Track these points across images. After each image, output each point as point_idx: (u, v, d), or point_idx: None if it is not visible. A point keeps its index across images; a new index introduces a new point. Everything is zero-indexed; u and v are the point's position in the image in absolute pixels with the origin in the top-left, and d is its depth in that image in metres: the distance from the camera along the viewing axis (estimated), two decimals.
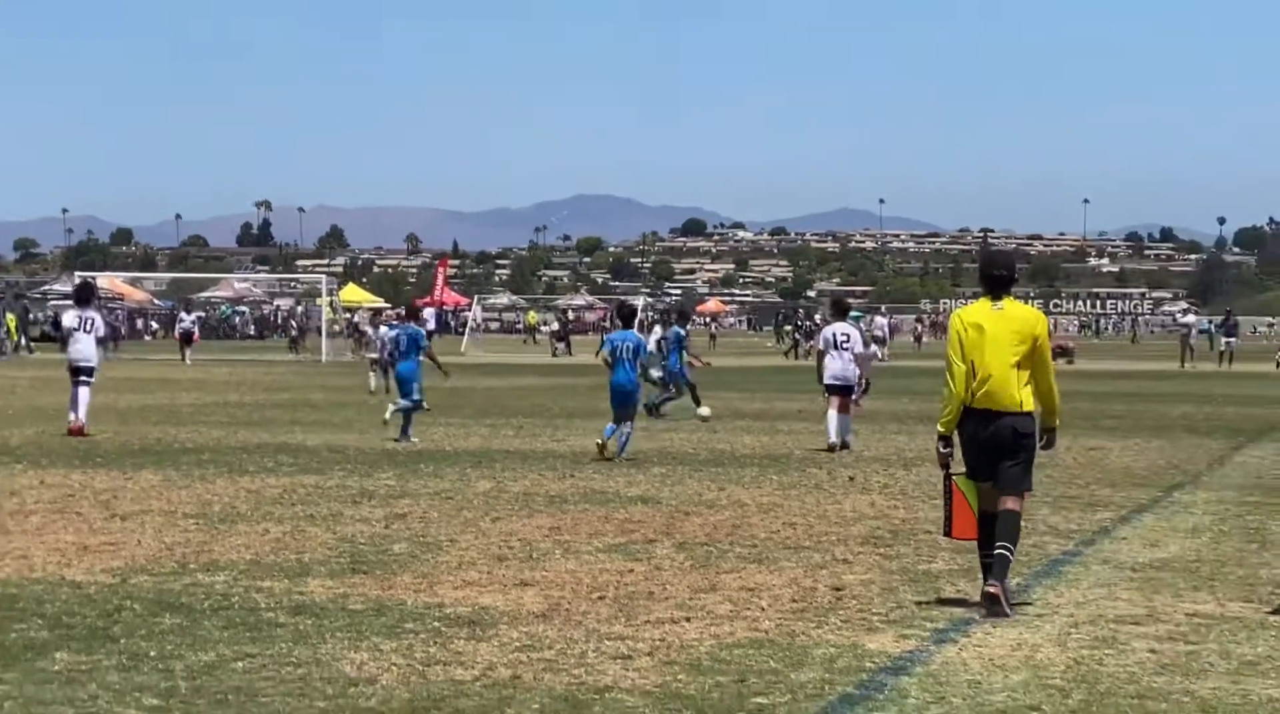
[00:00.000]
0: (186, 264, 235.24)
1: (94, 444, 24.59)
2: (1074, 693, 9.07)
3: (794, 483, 19.89)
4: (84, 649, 9.88)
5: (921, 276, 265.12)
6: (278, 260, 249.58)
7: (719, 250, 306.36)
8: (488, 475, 20.33)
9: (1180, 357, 66.81)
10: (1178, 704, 8.85)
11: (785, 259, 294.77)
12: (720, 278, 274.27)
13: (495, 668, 9.47)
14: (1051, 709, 8.70)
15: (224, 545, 14.23)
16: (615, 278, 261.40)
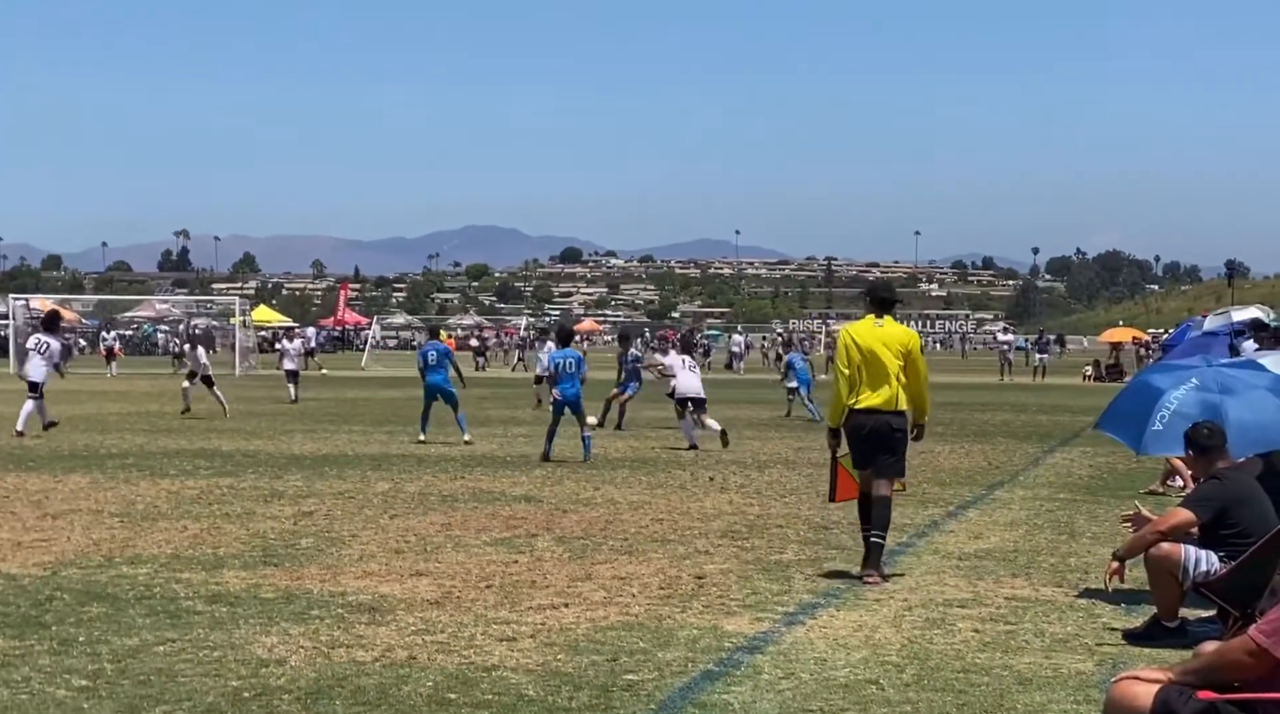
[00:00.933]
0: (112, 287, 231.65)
1: (27, 449, 24.21)
2: (908, 668, 9.16)
3: (660, 483, 19.91)
4: (17, 635, 9.75)
5: (773, 299, 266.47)
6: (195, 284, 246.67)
7: (593, 276, 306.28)
8: (386, 477, 20.20)
9: (1000, 371, 67.52)
10: (998, 678, 8.95)
11: (653, 284, 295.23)
12: (595, 300, 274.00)
13: (393, 649, 9.42)
14: (888, 683, 8.77)
15: (146, 541, 14.05)
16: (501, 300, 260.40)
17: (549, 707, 8.09)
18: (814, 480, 20.51)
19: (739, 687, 8.63)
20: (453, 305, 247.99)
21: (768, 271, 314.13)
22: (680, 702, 8.24)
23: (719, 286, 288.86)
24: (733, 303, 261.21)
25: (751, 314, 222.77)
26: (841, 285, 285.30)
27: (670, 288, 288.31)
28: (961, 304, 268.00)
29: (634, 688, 8.54)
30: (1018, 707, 8.32)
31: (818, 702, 8.32)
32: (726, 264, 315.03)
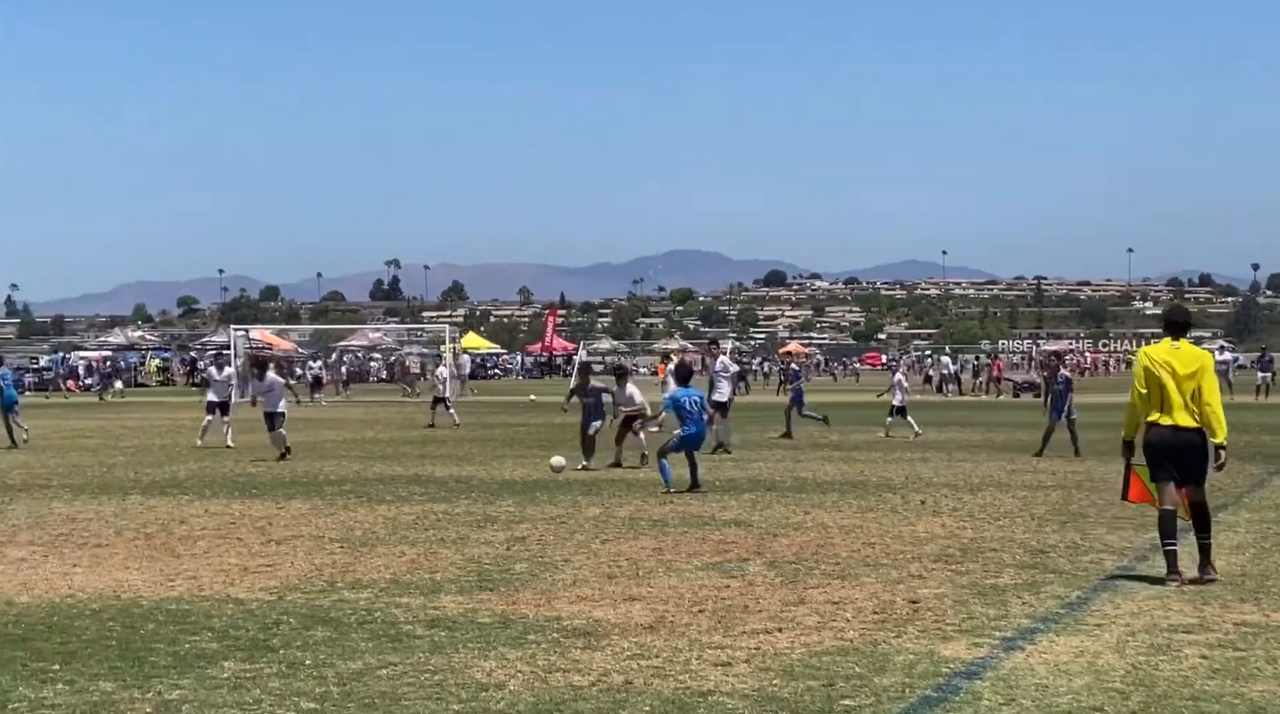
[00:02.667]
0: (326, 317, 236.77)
1: (250, 476, 24.80)
2: (1133, 695, 8.97)
3: (871, 506, 19.79)
4: (248, 658, 9.98)
5: (981, 319, 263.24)
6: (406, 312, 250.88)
7: (798, 298, 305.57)
8: (596, 502, 20.34)
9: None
10: (1229, 706, 8.74)
11: (858, 305, 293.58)
12: (799, 323, 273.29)
13: (609, 674, 9.48)
14: (1113, 710, 8.60)
15: (366, 566, 14.31)
16: (705, 324, 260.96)
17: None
18: (1028, 503, 20.24)
19: (958, 713, 8.54)
20: (657, 330, 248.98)
21: (975, 291, 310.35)
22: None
23: (926, 307, 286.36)
24: (940, 323, 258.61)
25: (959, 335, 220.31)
26: (1051, 304, 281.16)
27: (876, 309, 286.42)
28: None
29: (852, 713, 8.49)
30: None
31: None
32: (933, 284, 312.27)
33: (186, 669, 9.63)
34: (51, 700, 8.81)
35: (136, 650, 10.25)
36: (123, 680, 9.32)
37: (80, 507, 19.94)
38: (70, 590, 12.87)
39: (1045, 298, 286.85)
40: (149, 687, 9.15)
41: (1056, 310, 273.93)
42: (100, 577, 13.68)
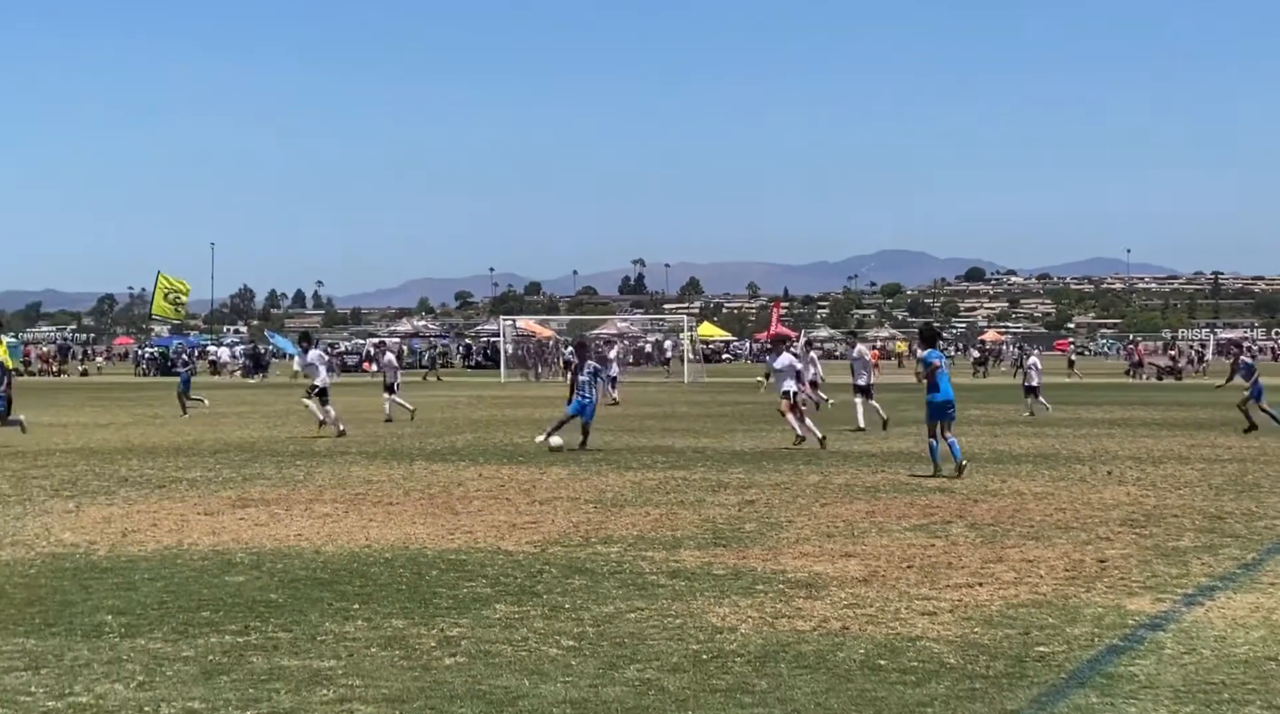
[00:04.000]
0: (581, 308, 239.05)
1: (517, 446, 25.09)
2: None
3: (1062, 476, 19.35)
4: (516, 602, 10.11)
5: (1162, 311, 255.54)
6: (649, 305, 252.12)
7: (995, 292, 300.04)
8: (816, 470, 20.21)
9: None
10: None
11: (1049, 298, 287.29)
12: (996, 314, 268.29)
13: (828, 621, 9.41)
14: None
15: (616, 524, 14.40)
16: (913, 315, 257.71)
17: (968, 673, 7.94)
18: (1206, 474, 19.62)
19: (1143, 660, 8.31)
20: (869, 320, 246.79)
21: (1157, 286, 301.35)
22: (1089, 672, 7.98)
23: (1111, 300, 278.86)
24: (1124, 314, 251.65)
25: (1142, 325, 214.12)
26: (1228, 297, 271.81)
27: (1066, 301, 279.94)
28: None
29: (1045, 659, 8.31)
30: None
31: (1220, 675, 7.94)
32: (1119, 279, 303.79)
33: (465, 610, 9.79)
34: (352, 635, 9.02)
35: (423, 594, 10.45)
36: (411, 619, 9.51)
37: (375, 471, 20.39)
38: (367, 541, 13.17)
39: (1222, 291, 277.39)
40: (434, 624, 9.32)
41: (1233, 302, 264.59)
42: (392, 530, 13.98)
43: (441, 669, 8.07)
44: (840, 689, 7.56)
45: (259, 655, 8.42)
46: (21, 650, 8.58)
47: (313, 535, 13.58)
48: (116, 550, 12.64)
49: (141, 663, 8.23)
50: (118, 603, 10.07)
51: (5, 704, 7.29)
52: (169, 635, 8.99)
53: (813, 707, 7.21)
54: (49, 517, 15.10)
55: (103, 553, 12.51)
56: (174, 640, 8.84)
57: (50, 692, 7.57)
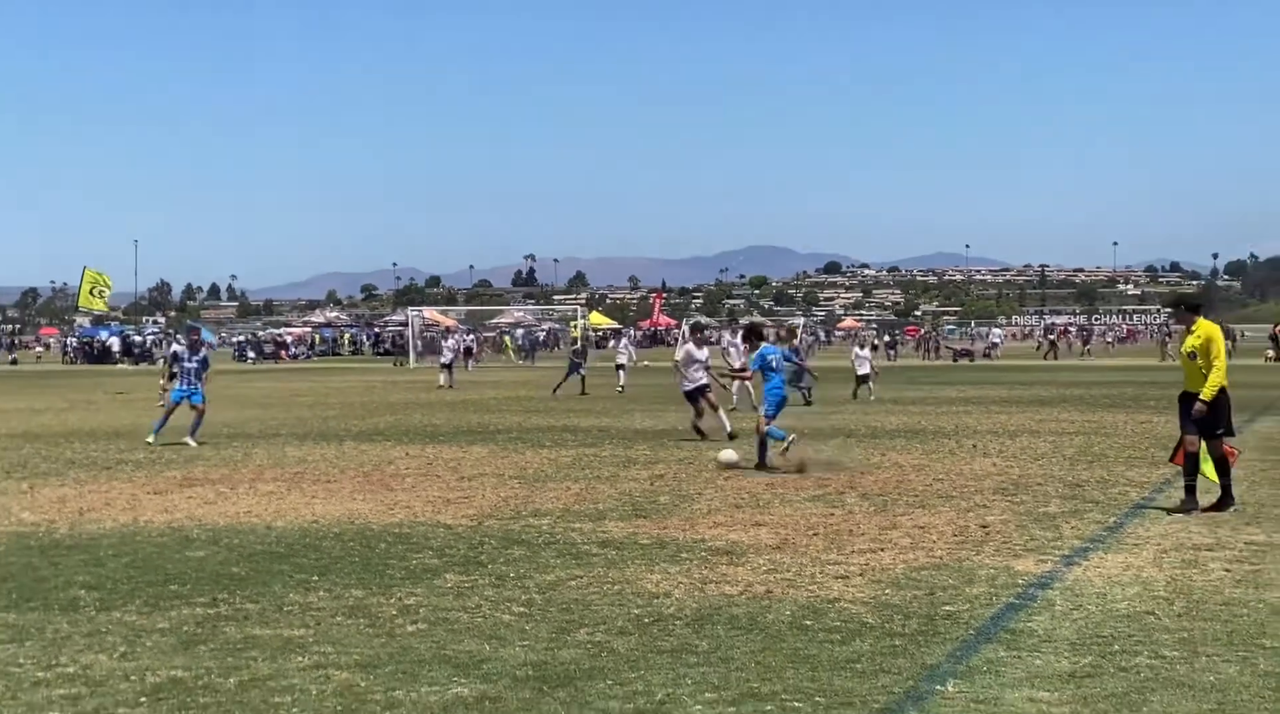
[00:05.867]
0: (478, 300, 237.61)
1: (436, 427, 24.90)
2: (1176, 601, 8.79)
3: (933, 450, 19.56)
4: (464, 572, 9.97)
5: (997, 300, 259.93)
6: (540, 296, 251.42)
7: (850, 283, 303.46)
8: (714, 447, 20.18)
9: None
10: (1255, 609, 8.54)
11: (899, 289, 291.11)
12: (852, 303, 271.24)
13: (753, 585, 9.39)
14: (1163, 614, 8.42)
15: (542, 498, 14.29)
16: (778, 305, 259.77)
17: (888, 631, 7.96)
18: (1057, 446, 19.94)
19: (1039, 616, 8.39)
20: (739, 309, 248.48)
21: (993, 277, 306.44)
22: (994, 628, 8.04)
23: (953, 291, 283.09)
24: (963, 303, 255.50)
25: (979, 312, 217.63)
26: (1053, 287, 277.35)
27: (913, 292, 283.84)
28: (1153, 302, 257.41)
29: (953, 617, 8.36)
30: (1279, 633, 7.91)
31: (1107, 629, 8.03)
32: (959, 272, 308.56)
33: (418, 580, 9.64)
34: (317, 605, 8.84)
35: (375, 565, 10.27)
36: (369, 589, 9.35)
37: (308, 450, 20.09)
38: (314, 517, 12.94)
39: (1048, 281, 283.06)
40: (391, 594, 9.16)
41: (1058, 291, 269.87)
42: (335, 506, 13.75)
43: (406, 635, 7.93)
44: (775, 648, 7.54)
45: (231, 626, 8.22)
46: (3, 624, 8.30)
47: (261, 512, 13.32)
48: (77, 528, 12.30)
49: (121, 634, 7.99)
50: (88, 578, 9.79)
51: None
52: (142, 608, 8.75)
53: (753, 665, 7.18)
54: (5, 497, 14.68)
55: (64, 531, 12.16)
56: (148, 613, 8.61)
57: (38, 663, 7.33)
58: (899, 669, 7.08)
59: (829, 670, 7.04)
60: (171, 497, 14.57)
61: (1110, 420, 25.33)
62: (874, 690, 6.67)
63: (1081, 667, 7.16)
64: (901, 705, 6.43)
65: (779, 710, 6.34)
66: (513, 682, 6.87)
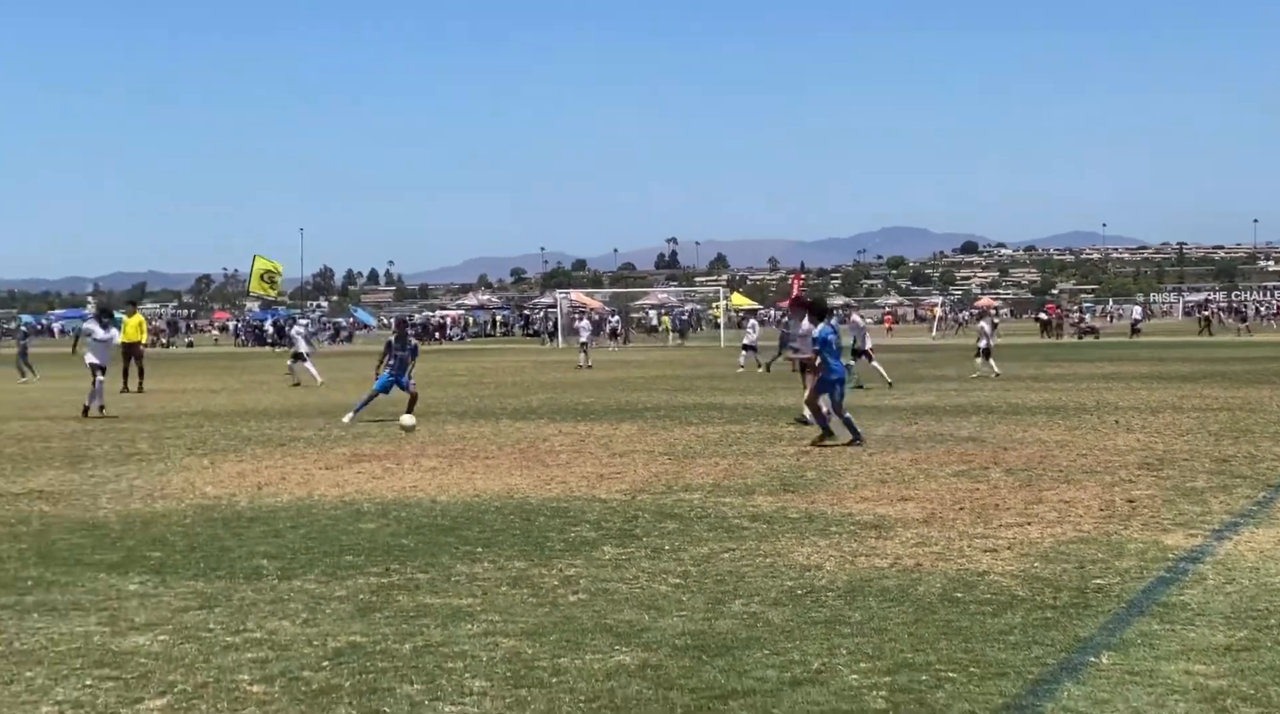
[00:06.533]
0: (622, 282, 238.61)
1: (586, 405, 25.05)
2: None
3: (1076, 425, 19.15)
4: (620, 544, 10.03)
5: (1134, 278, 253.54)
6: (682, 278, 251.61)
7: (987, 263, 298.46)
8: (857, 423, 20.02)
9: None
10: None
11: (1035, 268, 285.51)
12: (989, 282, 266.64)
13: (902, 558, 9.31)
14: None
15: (692, 473, 14.31)
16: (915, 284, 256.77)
17: (1039, 604, 7.83)
18: (1202, 422, 19.40)
19: (1191, 590, 8.18)
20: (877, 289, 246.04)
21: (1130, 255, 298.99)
22: (1146, 601, 7.86)
23: (1089, 269, 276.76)
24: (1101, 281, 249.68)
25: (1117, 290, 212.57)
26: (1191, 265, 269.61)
27: (1049, 271, 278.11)
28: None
29: (1104, 590, 8.19)
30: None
31: (1263, 602, 7.81)
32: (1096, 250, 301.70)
33: (576, 552, 9.73)
34: (482, 575, 8.97)
35: (535, 538, 10.39)
36: (531, 560, 9.46)
37: (466, 428, 20.37)
38: (475, 492, 13.12)
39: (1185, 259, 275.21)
40: (552, 565, 9.25)
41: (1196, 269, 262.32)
42: (494, 481, 13.93)
43: (568, 605, 8.01)
44: (927, 620, 7.47)
45: (404, 594, 8.38)
46: (194, 592, 8.57)
47: (426, 486, 13.54)
48: (256, 501, 12.64)
49: (302, 601, 8.20)
50: (269, 548, 10.06)
51: (190, 640, 7.27)
52: (320, 577, 8.96)
53: (906, 636, 7.11)
54: (189, 472, 15.12)
55: (244, 504, 12.50)
56: (326, 581, 8.82)
57: (226, 628, 7.55)
58: (1051, 641, 6.96)
59: (981, 642, 6.95)
60: (342, 472, 14.88)
61: (1256, 396, 24.56)
62: (1027, 662, 6.57)
63: (1238, 640, 6.97)
64: (1056, 677, 6.32)
65: (934, 680, 6.27)
66: (673, 650, 6.90)
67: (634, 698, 6.09)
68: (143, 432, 20.46)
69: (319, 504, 12.37)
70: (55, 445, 18.47)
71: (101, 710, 6.00)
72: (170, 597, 8.38)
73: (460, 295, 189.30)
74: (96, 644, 7.19)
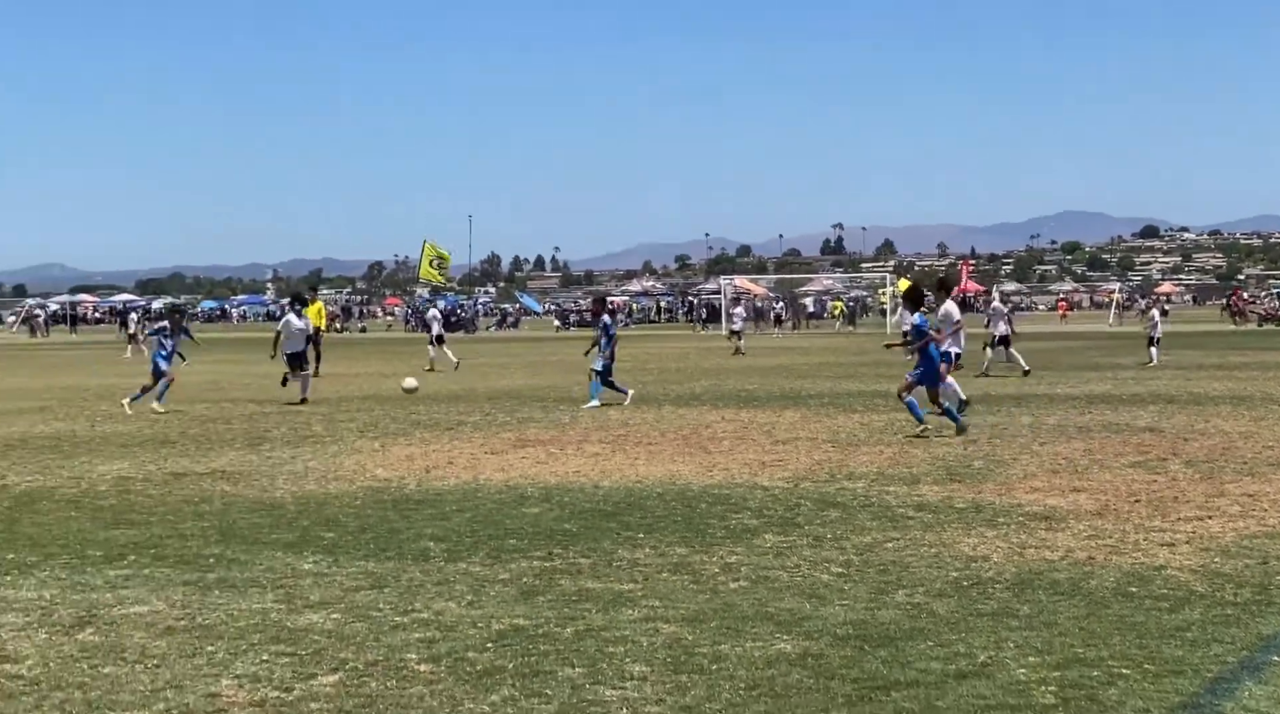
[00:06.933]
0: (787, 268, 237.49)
1: (749, 391, 25.01)
2: None
3: (1261, 416, 18.50)
4: (781, 532, 10.01)
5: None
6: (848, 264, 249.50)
7: (1169, 248, 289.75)
8: (1026, 411, 19.70)
9: None
10: None
11: (1220, 252, 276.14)
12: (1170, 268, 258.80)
13: (1073, 551, 9.11)
14: None
15: (855, 461, 14.20)
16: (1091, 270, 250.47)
17: (1218, 600, 7.59)
18: None
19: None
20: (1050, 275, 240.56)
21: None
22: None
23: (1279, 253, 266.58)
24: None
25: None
26: None
27: (1235, 255, 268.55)
28: None
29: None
30: None
31: None
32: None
33: (737, 540, 9.73)
34: (643, 561, 9.03)
35: (697, 524, 10.41)
36: (692, 547, 9.49)
37: (629, 414, 20.49)
38: (637, 477, 13.20)
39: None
40: (713, 552, 9.27)
41: None
42: (656, 467, 14.00)
43: (728, 592, 8.02)
44: (1099, 614, 7.30)
45: (566, 579, 8.49)
46: (364, 572, 8.79)
47: (589, 472, 13.67)
48: (424, 484, 12.91)
49: (467, 584, 8.36)
50: (436, 531, 10.27)
51: (361, 618, 7.47)
52: (485, 560, 9.12)
53: (1077, 630, 6.96)
54: (361, 455, 15.50)
55: (413, 486, 12.78)
56: (490, 564, 8.97)
57: (396, 608, 7.73)
58: (1232, 639, 6.74)
59: (1157, 638, 6.77)
60: (507, 456, 15.12)
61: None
62: (1205, 660, 6.38)
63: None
64: (1236, 675, 6.13)
65: (1106, 676, 6.13)
66: (834, 639, 6.87)
67: (794, 686, 6.08)
68: (318, 415, 21.05)
69: (484, 488, 12.58)
70: (236, 427, 19.12)
71: (277, 685, 6.20)
72: (342, 576, 8.62)
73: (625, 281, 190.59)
74: (273, 621, 7.43)
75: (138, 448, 16.41)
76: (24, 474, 14.00)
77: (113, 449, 16.34)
